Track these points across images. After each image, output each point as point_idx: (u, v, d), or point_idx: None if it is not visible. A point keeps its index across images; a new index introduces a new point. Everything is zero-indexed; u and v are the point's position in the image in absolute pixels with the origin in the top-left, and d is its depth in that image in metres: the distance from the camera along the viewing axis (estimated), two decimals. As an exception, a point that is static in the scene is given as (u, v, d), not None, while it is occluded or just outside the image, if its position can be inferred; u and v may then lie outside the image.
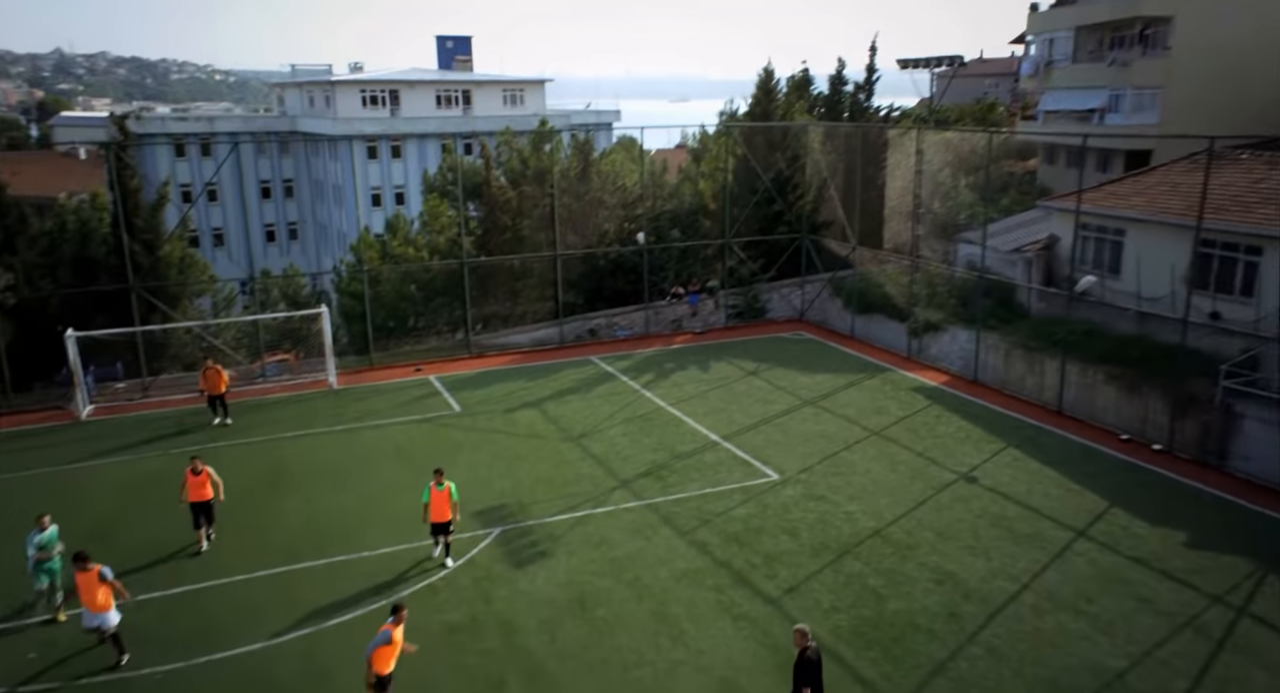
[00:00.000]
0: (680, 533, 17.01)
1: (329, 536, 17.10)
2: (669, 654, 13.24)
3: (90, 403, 25.13)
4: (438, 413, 24.07)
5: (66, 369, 25.39)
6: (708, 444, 21.48)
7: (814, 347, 30.03)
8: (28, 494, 18.91)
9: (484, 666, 13.01)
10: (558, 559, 16.08)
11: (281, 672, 12.94)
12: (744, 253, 33.69)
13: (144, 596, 15.06)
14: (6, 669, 13.10)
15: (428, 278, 34.75)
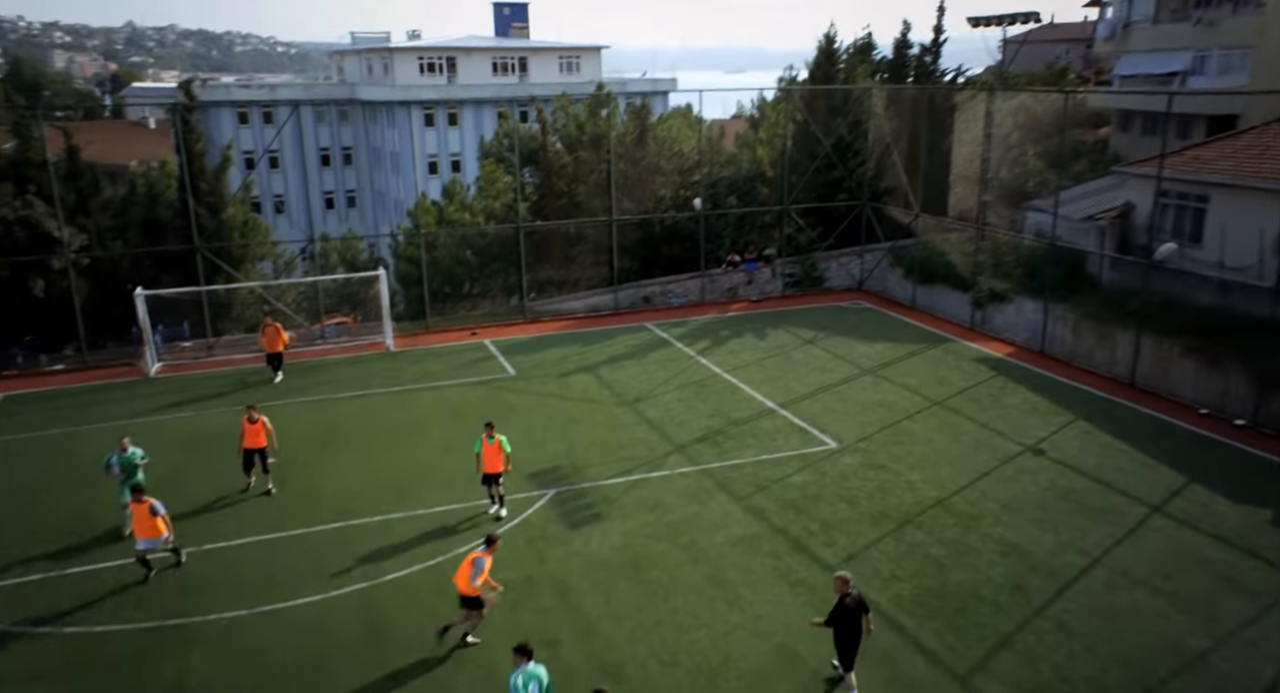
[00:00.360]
0: (736, 499, 16.76)
1: (384, 493, 17.23)
2: (725, 618, 13.05)
3: (158, 360, 25.70)
4: (493, 376, 24.10)
5: (136, 327, 26.00)
6: (764, 411, 21.13)
7: (873, 316, 29.35)
8: (99, 444, 19.37)
9: (539, 624, 12.97)
10: (612, 522, 15.97)
11: (339, 623, 13.07)
12: (802, 220, 32.98)
13: (210, 545, 15.38)
14: (82, 611, 13.45)
15: (483, 243, 34.78)
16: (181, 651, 12.50)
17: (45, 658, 12.41)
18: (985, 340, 26.29)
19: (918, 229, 30.51)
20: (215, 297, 28.72)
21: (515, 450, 17.28)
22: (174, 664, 12.20)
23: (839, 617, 11.15)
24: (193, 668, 12.11)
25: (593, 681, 11.67)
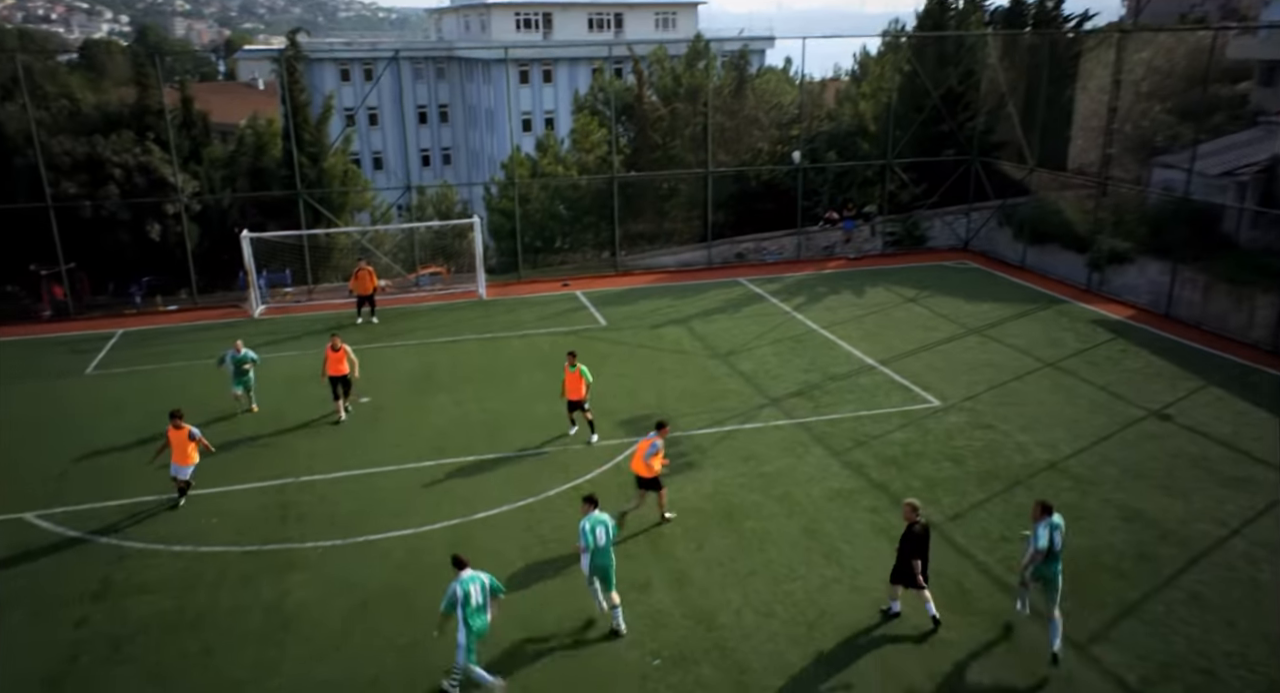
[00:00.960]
0: (833, 453, 16.11)
1: (476, 434, 17.22)
2: (821, 571, 12.52)
3: (262, 303, 26.40)
4: (584, 326, 23.87)
5: (243, 272, 26.75)
6: (863, 368, 20.30)
7: (979, 276, 27.94)
8: (208, 379, 20.04)
9: (629, 569, 12.67)
10: (704, 471, 15.55)
11: (429, 558, 13.05)
12: (906, 175, 31.52)
13: (305, 477, 15.63)
14: (191, 532, 13.84)
15: (576, 196, 34.52)
16: (279, 575, 12.70)
17: (155, 573, 12.79)
18: (1103, 302, 24.69)
19: (1032, 185, 28.78)
20: (315, 243, 29.33)
21: (606, 399, 17.83)
22: (272, 588, 12.40)
23: (910, 543, 10.97)
24: (289, 592, 12.29)
25: (684, 625, 11.39)
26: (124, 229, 29.48)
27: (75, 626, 11.65)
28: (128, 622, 11.71)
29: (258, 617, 11.77)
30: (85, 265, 28.92)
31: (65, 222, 27.01)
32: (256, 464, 16.16)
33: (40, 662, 10.88)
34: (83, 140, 29.30)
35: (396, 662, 10.88)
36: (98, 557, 13.23)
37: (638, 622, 11.48)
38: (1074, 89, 28.30)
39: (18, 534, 13.92)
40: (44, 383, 20.46)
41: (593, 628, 11.38)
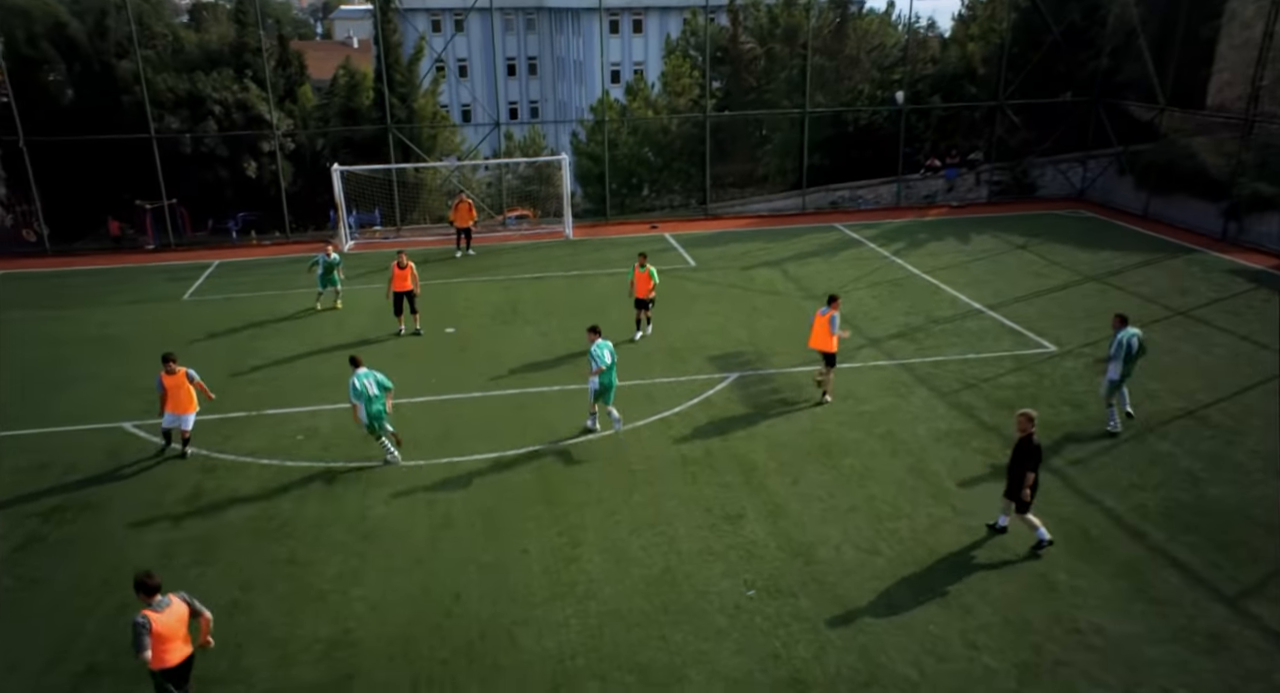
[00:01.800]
0: (939, 394, 15.08)
1: (561, 366, 16.76)
2: (929, 510, 11.64)
3: (352, 239, 26.46)
4: (672, 266, 23.12)
5: (333, 211, 26.86)
6: (969, 312, 19.06)
7: (1096, 224, 26.07)
8: (301, 304, 20.26)
9: (720, 498, 12.06)
10: (799, 408, 14.74)
11: (512, 480, 12.67)
12: (1018, 118, 29.51)
13: (391, 401, 15.40)
14: (278, 447, 13.77)
15: (666, 140, 33.63)
16: (363, 490, 12.49)
17: (244, 483, 12.74)
18: (1240, 252, 22.69)
19: (1161, 127, 26.56)
20: (404, 182, 29.23)
21: (696, 337, 17.71)
22: (355, 502, 12.20)
23: (1024, 456, 10.38)
24: (373, 507, 12.06)
25: (779, 558, 10.70)
26: (222, 165, 29.98)
27: (171, 527, 11.65)
28: (219, 526, 11.66)
29: (341, 529, 11.57)
30: (185, 201, 29.56)
31: (167, 157, 27.50)
32: (341, 388, 16.01)
33: (136, 560, 10.88)
34: (184, 77, 29.77)
35: (479, 577, 10.51)
36: (189, 466, 13.25)
37: (730, 553, 10.86)
38: (1222, 17, 25.79)
39: (116, 441, 14.09)
40: (145, 307, 20.85)
41: (679, 556, 10.79)
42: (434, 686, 8.83)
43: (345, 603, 10.09)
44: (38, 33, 31.41)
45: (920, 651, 9.12)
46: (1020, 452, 10.48)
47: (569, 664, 9.06)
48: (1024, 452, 10.43)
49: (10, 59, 29.03)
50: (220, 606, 10.03)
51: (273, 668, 9.11)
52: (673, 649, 9.23)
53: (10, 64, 28.78)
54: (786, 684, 8.72)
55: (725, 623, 9.61)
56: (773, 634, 9.42)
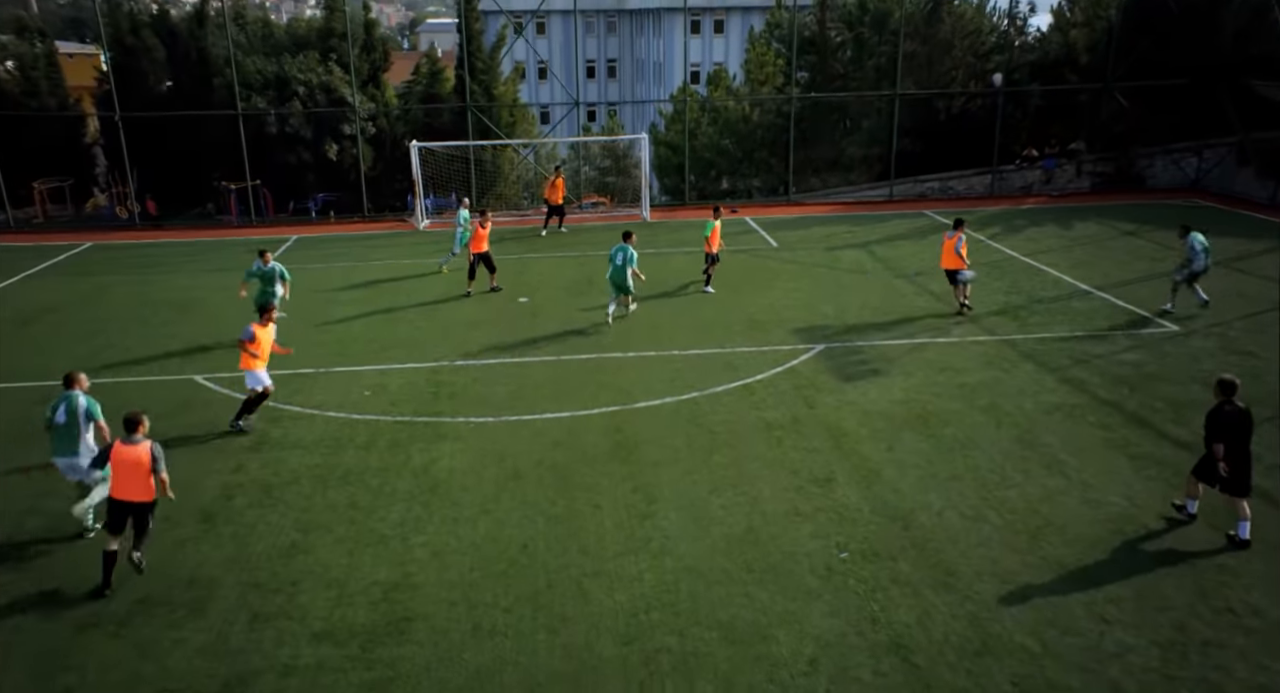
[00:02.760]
0: (1047, 369, 13.86)
1: (637, 334, 16.06)
2: (1042, 481, 10.50)
3: (427, 218, 26.35)
4: (753, 247, 22.28)
5: (410, 197, 26.84)
6: (1076, 293, 17.72)
7: (1216, 213, 24.20)
8: (378, 274, 20.15)
9: (808, 462, 11.12)
10: (892, 378, 13.69)
11: (585, 438, 11.96)
12: (1126, 101, 27.73)
13: (460, 362, 14.94)
14: (345, 402, 13.37)
15: (746, 130, 32.81)
16: (429, 443, 11.94)
17: (309, 433, 12.33)
18: (1381, 242, 20.72)
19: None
20: (482, 169, 29.07)
21: (780, 311, 16.98)
22: (421, 454, 11.65)
23: (1219, 428, 8.93)
24: (438, 460, 11.49)
25: (874, 522, 9.73)
26: (304, 147, 30.34)
27: (232, 471, 11.28)
28: (280, 472, 11.24)
29: (406, 479, 11.01)
30: (268, 183, 29.97)
31: (252, 138, 27.92)
32: (413, 349, 15.64)
33: (197, 499, 10.52)
34: (272, 60, 30.27)
35: (547, 529, 9.79)
36: (257, 416, 12.92)
37: (819, 515, 9.92)
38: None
39: (186, 391, 13.90)
40: (225, 274, 20.91)
41: (764, 517, 9.89)
42: (496, 634, 8.12)
43: (406, 549, 9.49)
44: (142, 22, 32.46)
45: (1040, 622, 8.03)
46: (1211, 423, 9.08)
47: (643, 618, 8.25)
48: (1216, 424, 9.03)
49: (115, 48, 29.96)
50: (278, 547, 9.58)
51: (329, 607, 8.53)
52: (758, 608, 8.34)
53: (114, 52, 29.70)
54: (886, 649, 7.74)
55: (816, 584, 8.68)
56: (869, 598, 8.45)
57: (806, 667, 7.57)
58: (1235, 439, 8.96)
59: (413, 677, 7.59)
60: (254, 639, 8.10)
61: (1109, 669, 7.43)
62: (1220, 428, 8.97)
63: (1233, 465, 8.93)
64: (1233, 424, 8.97)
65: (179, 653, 7.95)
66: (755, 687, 7.35)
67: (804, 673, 7.50)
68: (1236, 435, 8.97)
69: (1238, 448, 8.97)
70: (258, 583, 8.94)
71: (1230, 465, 8.91)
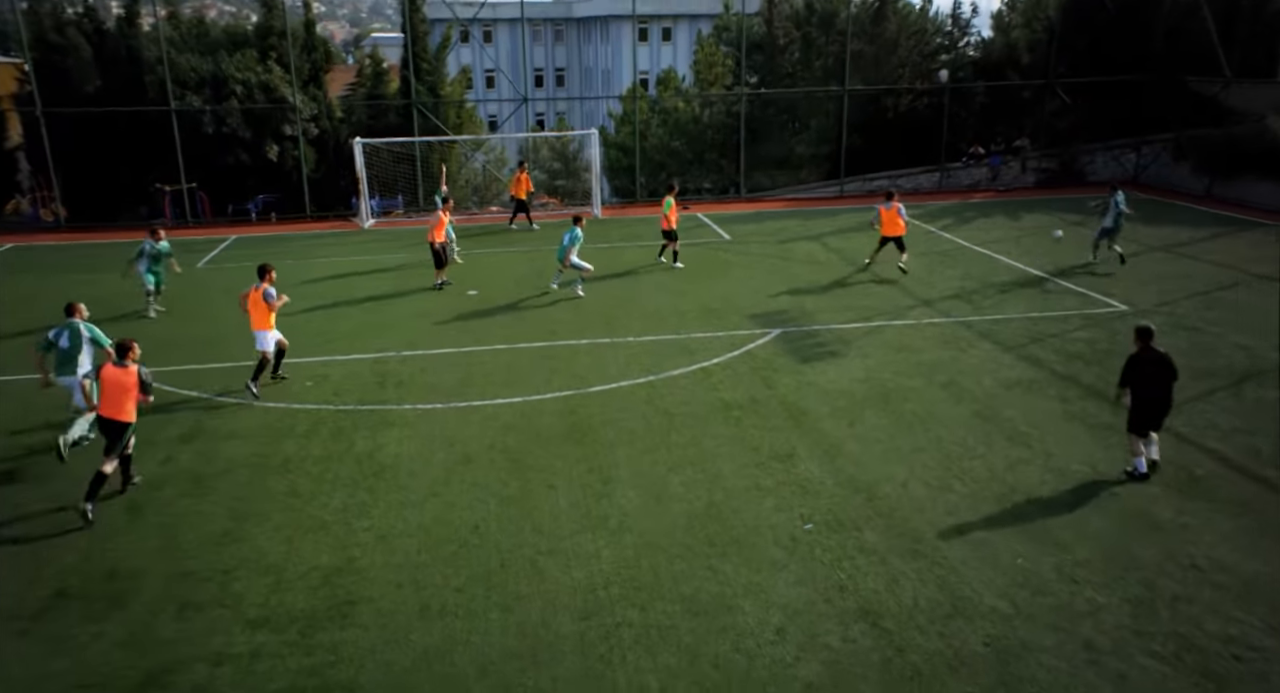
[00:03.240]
0: (1004, 347, 13.81)
1: (590, 323, 15.66)
2: (1005, 452, 10.35)
3: (372, 218, 25.66)
4: (706, 240, 22.06)
5: (355, 198, 26.14)
6: (1028, 278, 17.79)
7: (1156, 205, 24.57)
8: (322, 273, 19.40)
9: (769, 439, 10.83)
10: (851, 359, 13.50)
11: (542, 421, 11.53)
12: (1069, 98, 28.20)
13: (407, 352, 14.39)
14: (286, 393, 12.75)
15: (697, 130, 32.73)
16: (375, 430, 11.40)
17: (247, 423, 11.70)
18: (1315, 228, 21.26)
19: (1227, 101, 25.18)
20: (428, 172, 28.45)
21: (733, 298, 16.75)
22: (366, 441, 11.10)
23: (1133, 374, 9.42)
24: (385, 446, 10.95)
25: (838, 494, 9.48)
26: (243, 148, 29.36)
27: (161, 463, 10.60)
28: (213, 462, 10.60)
29: (349, 465, 10.46)
30: (206, 186, 28.93)
31: (188, 139, 27.01)
32: (356, 341, 15.06)
33: (122, 492, 9.84)
34: (208, 59, 29.32)
35: (500, 510, 9.34)
36: (191, 406, 12.25)
37: (782, 489, 9.62)
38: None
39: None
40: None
41: (725, 492, 9.56)
42: (446, 614, 7.64)
43: (349, 533, 8.95)
44: (67, 19, 31.22)
45: (1010, 584, 7.81)
46: (1129, 370, 9.51)
47: (601, 594, 7.84)
48: (1133, 370, 9.47)
49: (37, 48, 28.72)
50: (210, 535, 8.98)
51: (265, 593, 7.96)
52: (722, 581, 7.99)
53: (36, 51, 28.46)
54: (856, 615, 7.45)
55: (781, 556, 8.36)
56: (836, 567, 8.15)
57: (774, 635, 7.23)
58: (1154, 382, 9.27)
59: (356, 660, 7.08)
60: (182, 629, 7.51)
61: (1081, 627, 7.23)
62: (1135, 372, 9.39)
63: (1154, 406, 9.32)
64: (1148, 368, 9.30)
65: (96, 647, 7.33)
66: (721, 657, 6.99)
67: (771, 642, 7.15)
68: (1155, 378, 9.27)
69: (1157, 390, 9.28)
70: (187, 572, 8.34)
71: (1151, 406, 9.31)
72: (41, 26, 29.71)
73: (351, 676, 6.91)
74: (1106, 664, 6.81)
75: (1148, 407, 9.34)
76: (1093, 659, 6.87)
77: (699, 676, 6.80)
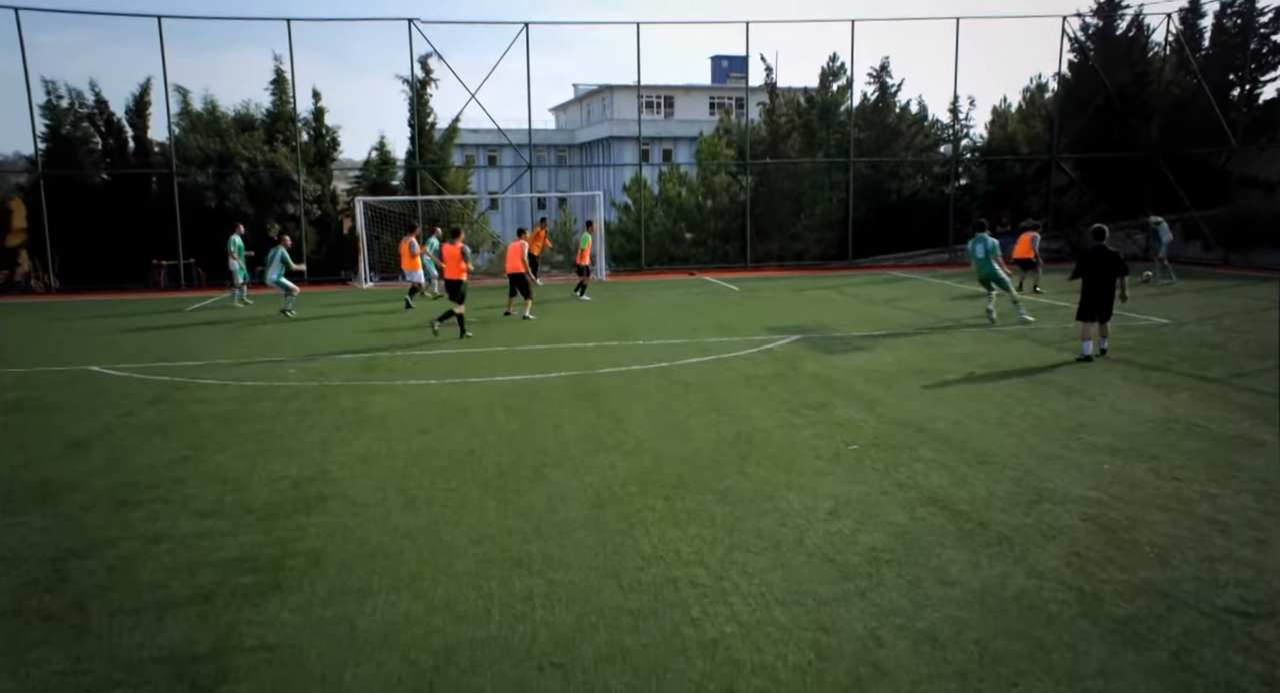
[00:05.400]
0: (1042, 344, 12.91)
1: (596, 331, 14.83)
2: (1063, 401, 9.29)
3: (370, 281, 25.22)
4: (715, 292, 21.49)
5: (349, 271, 25.92)
6: (1060, 309, 17.06)
7: (1174, 269, 24.21)
8: (313, 311, 18.66)
9: (799, 395, 9.75)
10: (876, 352, 12.56)
11: (547, 390, 10.48)
12: (1075, 174, 28.35)
13: (401, 352, 13.47)
14: (266, 375, 11.74)
15: (700, 217, 32.95)
16: (362, 395, 10.32)
17: (219, 393, 10.65)
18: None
19: (1235, 171, 25.22)
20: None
21: (745, 319, 16.19)
22: (351, 400, 10.01)
23: (1084, 268, 11.44)
24: (371, 404, 9.84)
25: (883, 427, 8.35)
26: (245, 224, 29.30)
27: (120, 415, 9.49)
28: (178, 415, 9.47)
29: (331, 415, 9.33)
30: (203, 261, 28.65)
31: (189, 213, 27.06)
32: (346, 343, 14.17)
33: (72, 433, 8.70)
34: (215, 138, 29.77)
35: (498, 441, 8.19)
36: (159, 384, 11.21)
37: (819, 425, 8.49)
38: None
39: (83, 377, 12.14)
40: (143, 317, 19.29)
41: (754, 426, 8.43)
42: (434, 503, 6.42)
43: (325, 456, 7.77)
44: (80, 114, 31.95)
45: (1101, 482, 6.63)
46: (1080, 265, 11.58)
47: (619, 490, 6.63)
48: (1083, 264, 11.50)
49: (51, 140, 29.21)
50: (163, 460, 7.79)
51: (219, 495, 6.75)
52: (758, 481, 6.80)
53: (51, 145, 28.94)
54: (921, 501, 6.25)
55: (825, 465, 7.19)
56: (890, 471, 6.98)
57: (826, 515, 6.02)
58: (1101, 272, 11.08)
59: (324, 536, 5.82)
60: (116, 519, 6.28)
61: (1198, 509, 6.03)
62: (1086, 266, 11.31)
63: (1100, 293, 11.11)
64: (1097, 261, 11.15)
65: (12, 533, 6.07)
66: (765, 530, 5.75)
67: (824, 519, 5.94)
68: (1103, 269, 11.09)
69: (1102, 278, 11.08)
70: (131, 482, 7.13)
71: (1098, 293, 11.11)
72: (57, 121, 30.29)
73: (319, 547, 5.64)
74: (1239, 533, 5.57)
75: (1094, 293, 11.00)
76: (1220, 528, 5.64)
77: (740, 542, 5.55)
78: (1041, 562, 5.18)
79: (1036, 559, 5.22)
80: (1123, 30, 29.26)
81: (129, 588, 5.09)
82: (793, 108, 32.66)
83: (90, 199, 26.90)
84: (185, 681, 4.10)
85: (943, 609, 4.59)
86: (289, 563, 5.37)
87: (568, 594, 4.87)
